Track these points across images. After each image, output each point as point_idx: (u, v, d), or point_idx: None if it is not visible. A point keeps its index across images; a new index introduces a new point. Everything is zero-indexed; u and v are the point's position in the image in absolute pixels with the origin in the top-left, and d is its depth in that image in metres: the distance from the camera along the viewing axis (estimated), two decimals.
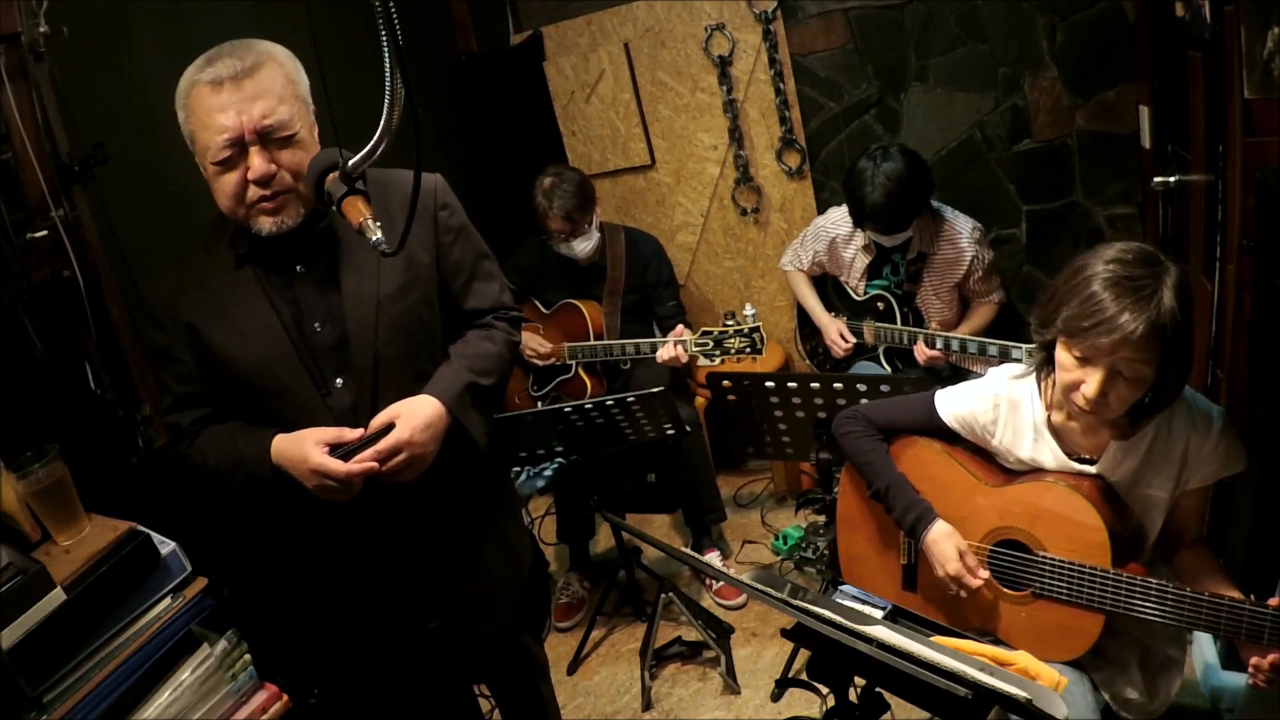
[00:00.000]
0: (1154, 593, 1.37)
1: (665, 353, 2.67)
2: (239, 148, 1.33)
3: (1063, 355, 1.39)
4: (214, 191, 1.39)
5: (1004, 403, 1.58)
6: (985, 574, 1.56)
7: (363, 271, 1.46)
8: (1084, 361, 1.35)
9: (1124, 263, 1.32)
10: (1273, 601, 1.25)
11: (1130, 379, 1.32)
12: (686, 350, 2.62)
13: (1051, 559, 1.49)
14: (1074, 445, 1.53)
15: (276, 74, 1.35)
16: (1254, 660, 1.29)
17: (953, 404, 1.65)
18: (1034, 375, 1.54)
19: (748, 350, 2.52)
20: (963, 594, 1.57)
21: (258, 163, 1.33)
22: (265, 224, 1.38)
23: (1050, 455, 1.53)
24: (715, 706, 2.40)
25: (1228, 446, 1.43)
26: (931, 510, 1.61)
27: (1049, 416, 1.53)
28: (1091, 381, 1.33)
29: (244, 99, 1.31)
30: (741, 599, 2.77)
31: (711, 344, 2.56)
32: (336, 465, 1.38)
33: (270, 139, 1.34)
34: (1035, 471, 1.56)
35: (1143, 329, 1.26)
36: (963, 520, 1.61)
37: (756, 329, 2.51)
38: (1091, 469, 1.50)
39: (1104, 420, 1.41)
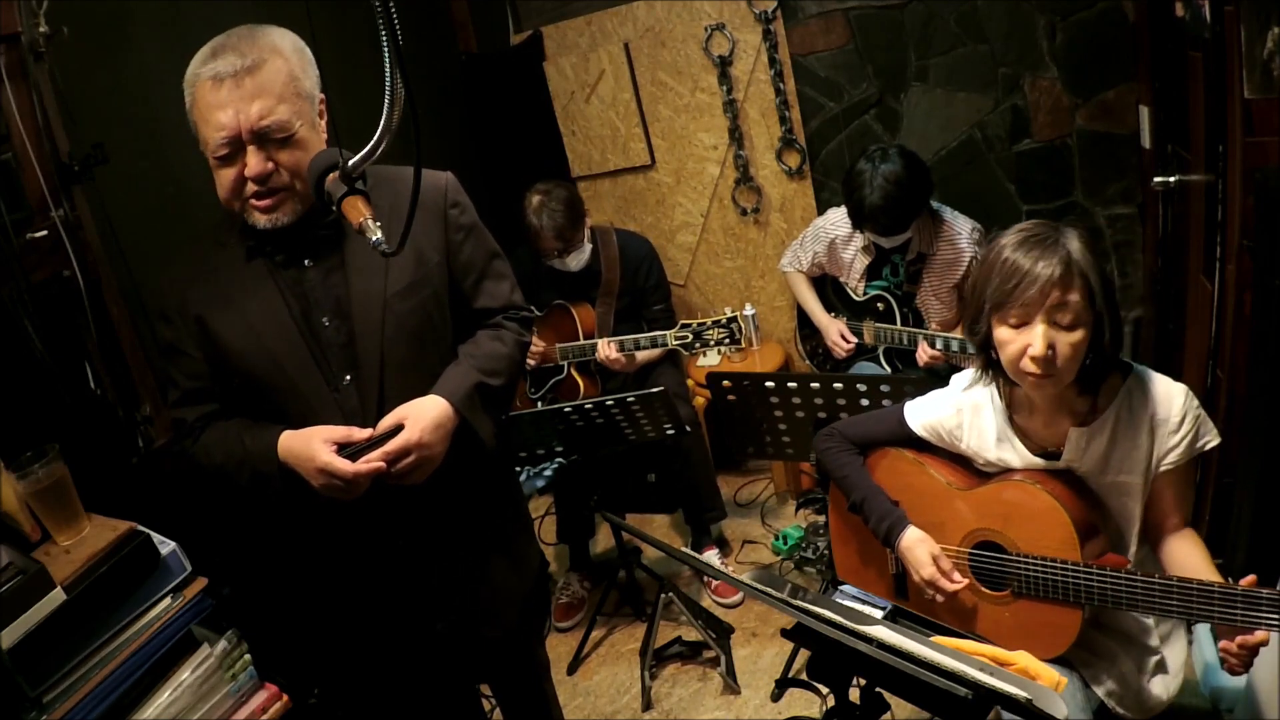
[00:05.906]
0: (1124, 582, 1.36)
1: (601, 351, 2.67)
2: (237, 146, 1.34)
3: (1001, 333, 1.42)
4: (215, 182, 1.40)
5: (967, 407, 1.60)
6: (961, 578, 1.57)
7: (370, 268, 1.45)
8: (1021, 326, 1.38)
9: (1023, 230, 1.41)
10: (1243, 582, 1.24)
11: (1068, 326, 1.36)
12: (622, 349, 2.65)
13: (1023, 557, 1.49)
14: (1038, 440, 1.54)
15: (279, 71, 1.35)
16: (1223, 644, 1.29)
17: (921, 414, 1.68)
18: (987, 381, 1.56)
19: (726, 341, 2.52)
20: (938, 598, 1.58)
21: (254, 162, 1.34)
22: (260, 220, 1.39)
23: (1015, 453, 1.55)
24: (715, 706, 2.40)
25: (1194, 420, 1.43)
26: (904, 518, 1.63)
27: (1010, 415, 1.55)
28: (1035, 339, 1.36)
29: (243, 98, 1.31)
30: (738, 596, 2.77)
31: (691, 336, 2.56)
32: (344, 465, 1.37)
33: (268, 139, 1.34)
34: (1005, 472, 1.57)
35: (1059, 269, 1.34)
36: (940, 525, 1.62)
37: (734, 319, 2.51)
38: (1058, 463, 1.51)
39: (1060, 386, 1.42)
